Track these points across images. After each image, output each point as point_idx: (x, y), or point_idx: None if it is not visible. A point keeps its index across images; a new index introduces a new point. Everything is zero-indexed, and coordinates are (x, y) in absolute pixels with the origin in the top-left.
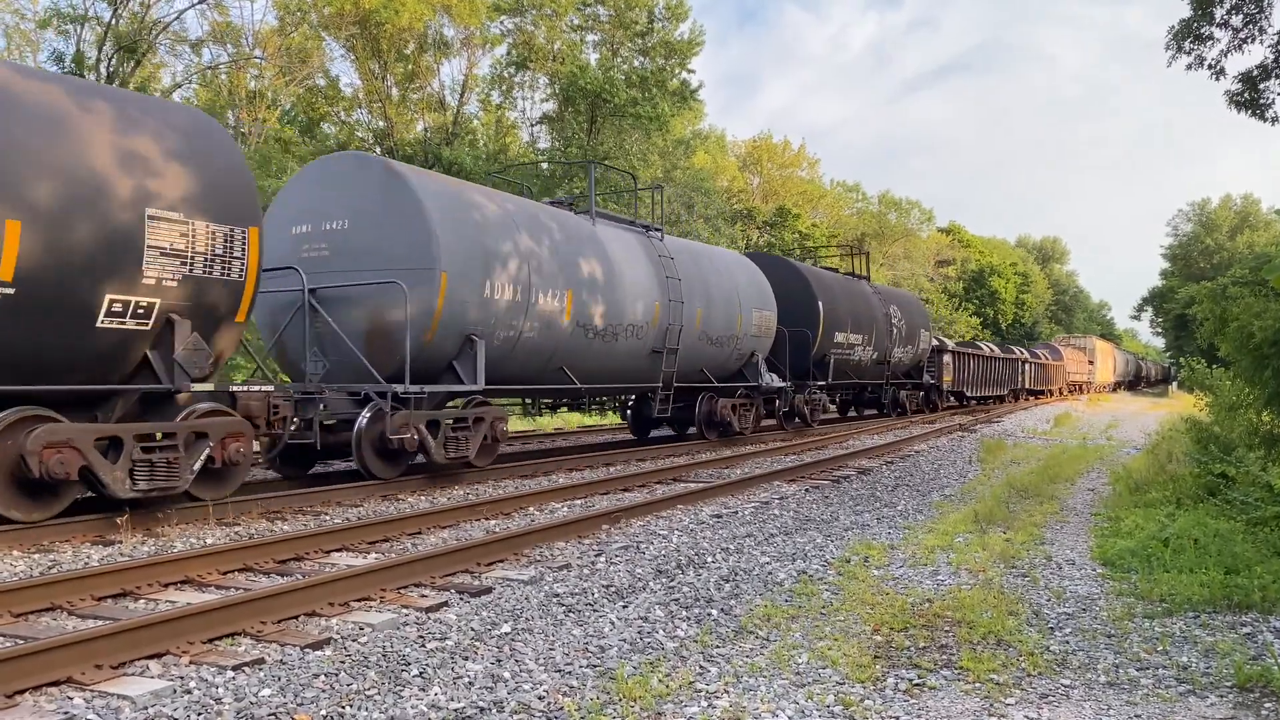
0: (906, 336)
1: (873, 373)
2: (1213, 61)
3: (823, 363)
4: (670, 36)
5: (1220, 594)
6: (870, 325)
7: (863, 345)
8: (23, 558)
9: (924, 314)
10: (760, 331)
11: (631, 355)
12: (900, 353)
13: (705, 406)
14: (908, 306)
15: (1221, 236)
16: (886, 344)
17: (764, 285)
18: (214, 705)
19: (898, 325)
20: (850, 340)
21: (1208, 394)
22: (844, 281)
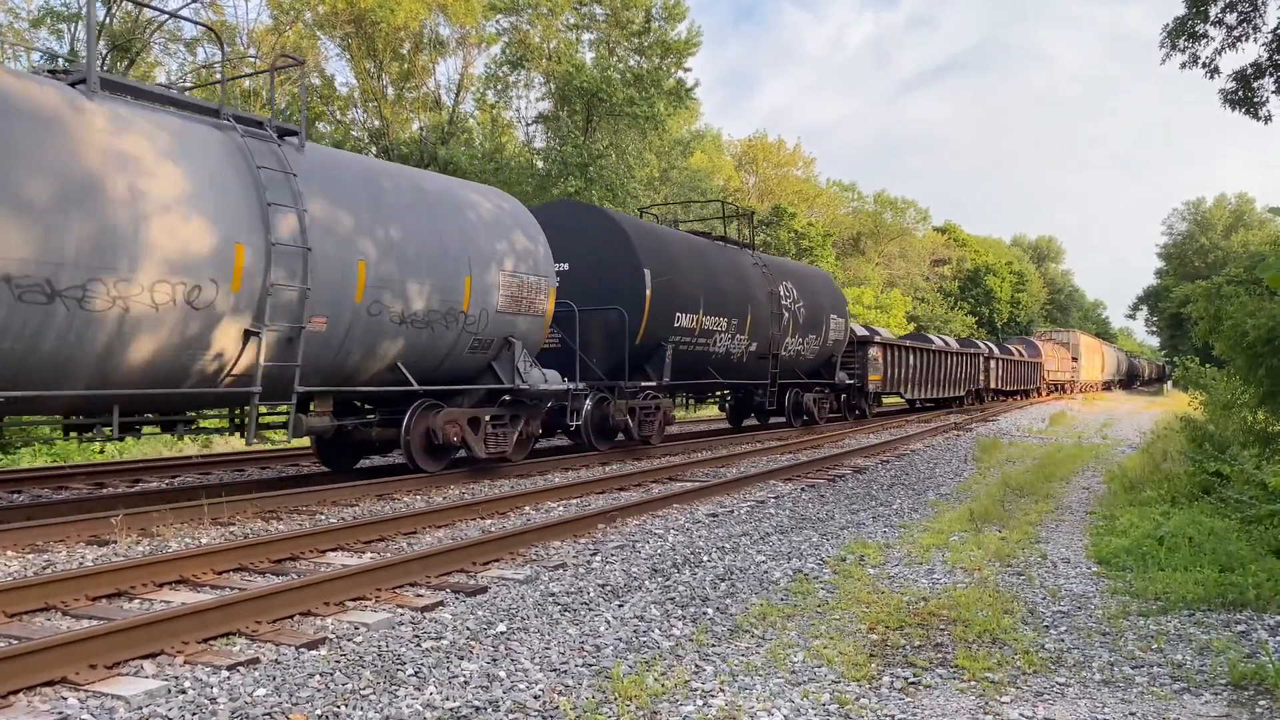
0: (807, 323)
1: (751, 370)
2: (1207, 60)
3: (653, 355)
4: (667, 36)
5: (1215, 592)
6: (743, 307)
7: (728, 332)
8: (17, 557)
9: (836, 296)
10: (501, 306)
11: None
12: (797, 344)
13: (420, 424)
14: (809, 285)
15: (1216, 235)
16: (773, 332)
17: (510, 225)
18: (209, 705)
19: (792, 309)
20: (704, 325)
21: (1202, 392)
22: (696, 246)
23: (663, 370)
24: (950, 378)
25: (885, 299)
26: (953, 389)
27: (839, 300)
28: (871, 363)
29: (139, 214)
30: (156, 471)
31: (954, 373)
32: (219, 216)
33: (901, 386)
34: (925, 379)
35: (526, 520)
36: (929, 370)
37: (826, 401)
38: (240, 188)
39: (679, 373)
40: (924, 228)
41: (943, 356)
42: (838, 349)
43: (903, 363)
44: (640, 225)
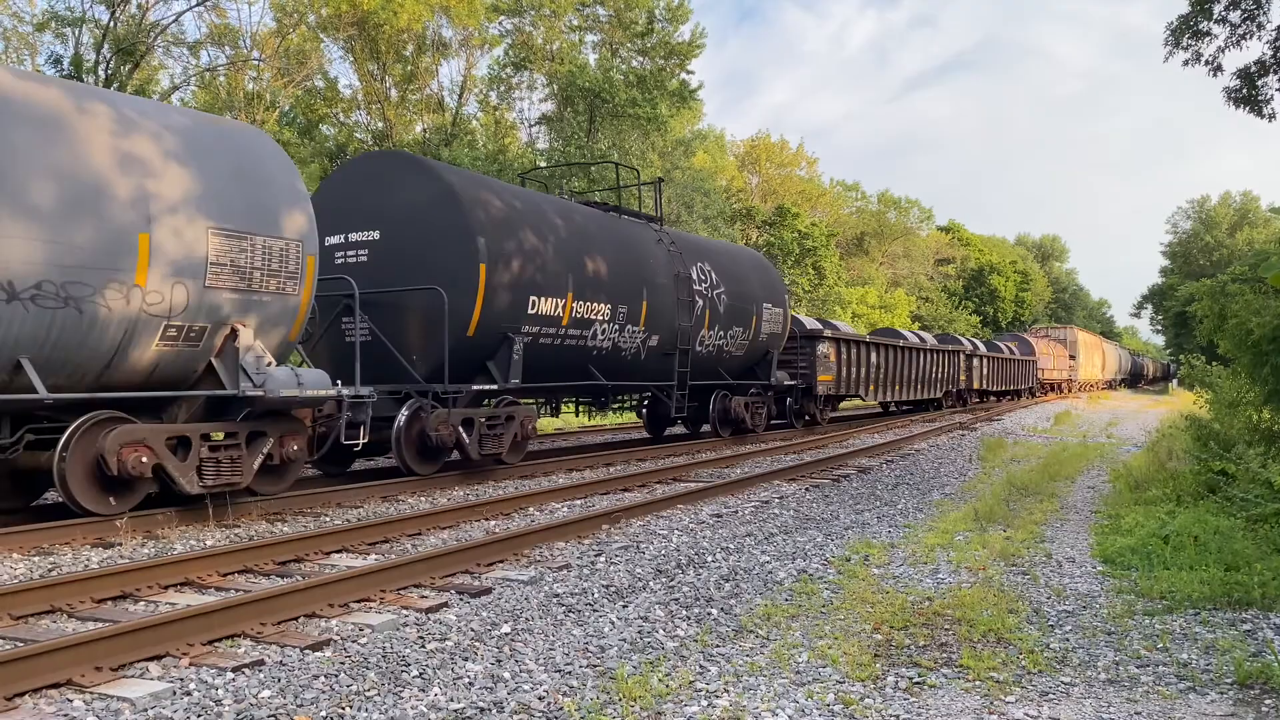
0: (731, 314)
1: (652, 369)
2: (1210, 57)
3: (499, 351)
4: (670, 38)
5: (1220, 591)
6: (636, 291)
7: (614, 322)
8: (23, 560)
9: (771, 281)
10: (212, 280)
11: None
12: (717, 338)
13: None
14: (735, 268)
15: (1221, 234)
16: (681, 323)
17: (226, 156)
18: (214, 707)
19: (709, 295)
20: (578, 313)
21: (1207, 391)
22: (567, 214)
23: (509, 369)
24: (924, 378)
25: (889, 299)
26: (927, 390)
27: (775, 286)
28: (821, 361)
29: None
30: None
31: (929, 372)
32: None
33: (862, 388)
34: (893, 379)
35: (530, 521)
36: (898, 369)
37: (763, 407)
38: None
39: (542, 372)
40: (928, 227)
41: (914, 354)
42: (774, 344)
43: (862, 361)
44: (477, 182)
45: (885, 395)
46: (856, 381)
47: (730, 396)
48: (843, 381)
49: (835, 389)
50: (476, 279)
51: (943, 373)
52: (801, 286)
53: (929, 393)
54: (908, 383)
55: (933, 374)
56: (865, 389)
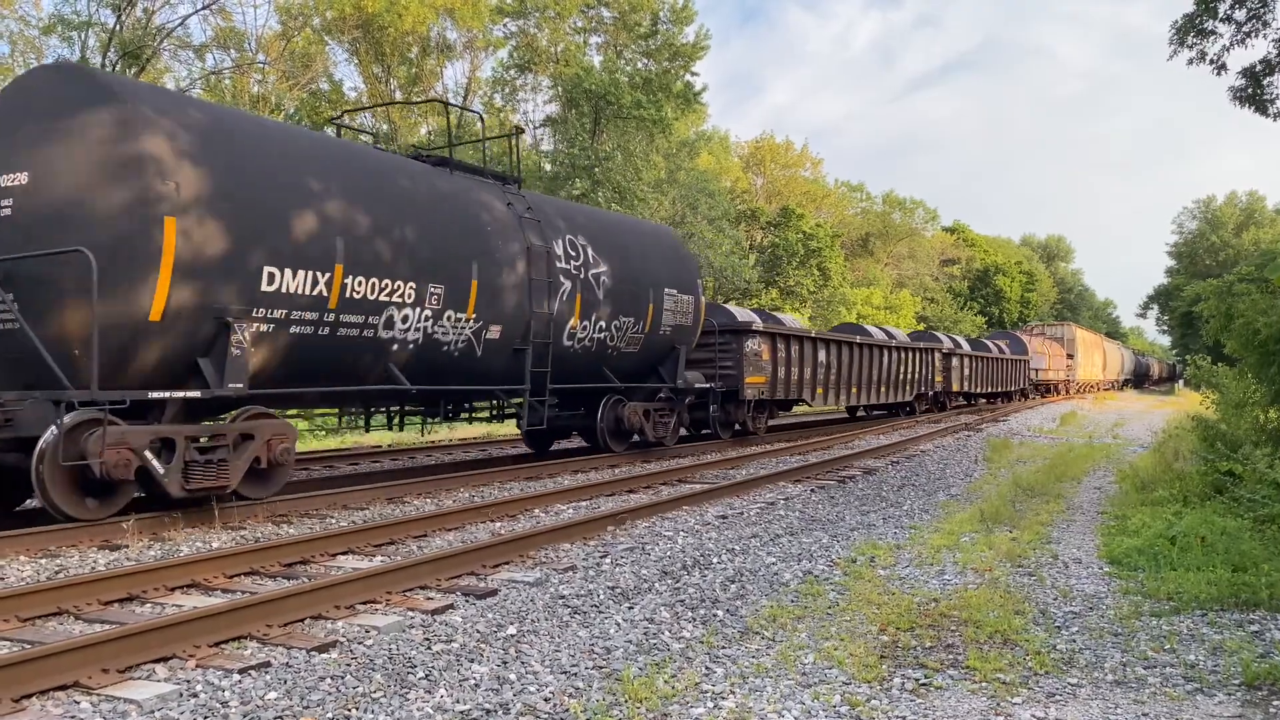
0: (618, 299)
1: (491, 369)
2: (1215, 57)
3: (213, 343)
4: (675, 40)
5: (1228, 592)
6: (457, 265)
7: (421, 306)
8: (30, 562)
9: (678, 261)
10: None
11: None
12: (596, 331)
13: None
14: (625, 244)
15: (1227, 234)
16: (537, 310)
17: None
18: (220, 709)
19: (583, 277)
20: (356, 291)
21: (1214, 391)
22: (328, 153)
23: (226, 370)
24: (890, 379)
25: (894, 300)
26: (894, 393)
27: (683, 269)
28: (750, 359)
29: None
30: None
31: (896, 373)
32: None
33: (807, 391)
34: (849, 381)
35: (536, 523)
36: (856, 370)
37: (670, 415)
38: None
39: (305, 374)
40: (933, 228)
41: (877, 353)
42: (682, 338)
43: (807, 360)
44: (171, 100)
45: (840, 399)
46: (800, 384)
47: (624, 403)
48: (782, 383)
49: (769, 392)
50: (158, 238)
51: (914, 373)
52: (806, 287)
53: (896, 395)
54: (869, 385)
55: (901, 375)
56: (810, 392)
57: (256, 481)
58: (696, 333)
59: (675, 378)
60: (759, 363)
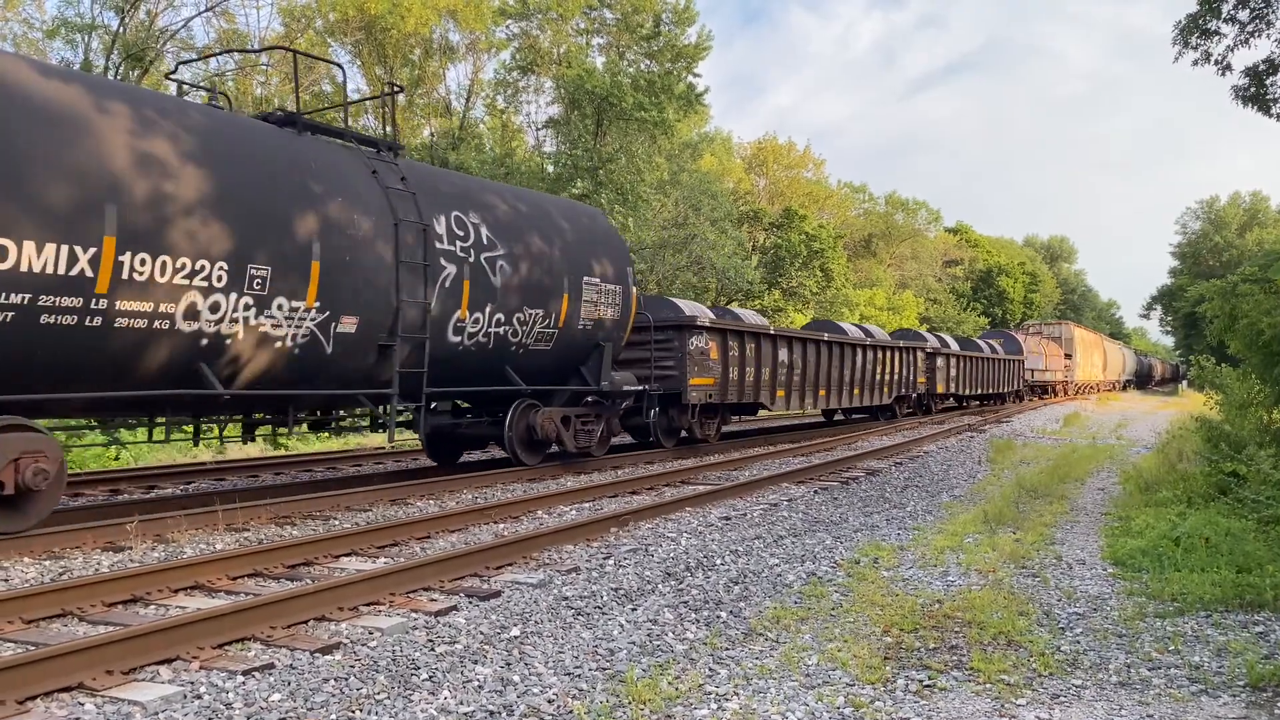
0: (519, 289)
1: (353, 370)
2: (1219, 57)
3: None
4: (677, 41)
5: (1232, 593)
6: (296, 243)
7: (242, 293)
8: (34, 564)
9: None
10: None
11: None
12: (492, 324)
13: None
14: (531, 224)
15: (1230, 234)
16: (406, 299)
17: None
18: (224, 710)
19: (473, 260)
20: (138, 273)
21: (1218, 392)
22: (96, 92)
23: None
24: (865, 380)
25: (897, 301)
26: (871, 395)
27: (609, 254)
28: (694, 358)
29: None
30: (171, 478)
31: (872, 374)
32: None
33: (765, 393)
34: (816, 383)
35: (539, 524)
36: (824, 370)
37: (596, 421)
38: None
39: (64, 374)
40: (936, 229)
41: (848, 352)
42: (608, 335)
43: (765, 359)
44: None
45: (806, 402)
46: (755, 386)
47: (537, 409)
48: (731, 386)
49: (719, 395)
50: None
51: (893, 374)
52: (809, 289)
53: (873, 398)
54: (841, 386)
55: (878, 375)
56: (769, 395)
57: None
58: (626, 328)
59: (599, 379)
60: (705, 362)
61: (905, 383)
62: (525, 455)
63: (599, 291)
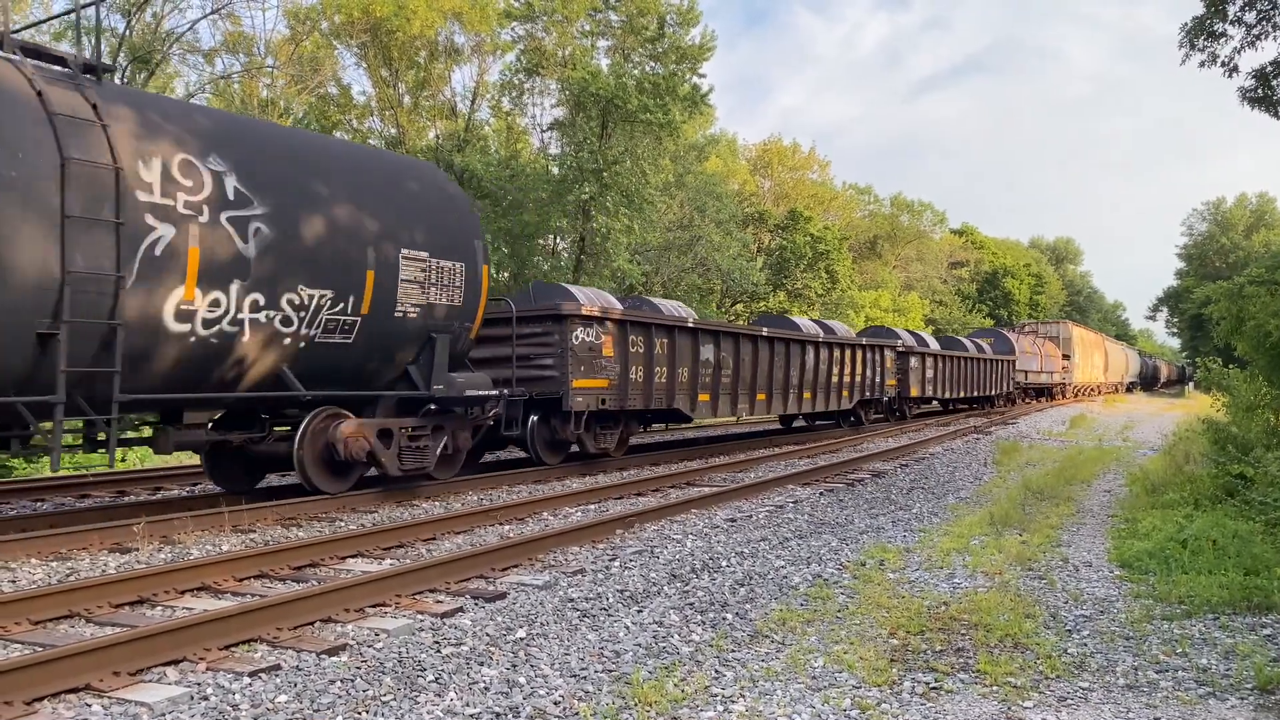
0: (295, 261)
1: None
2: (1226, 59)
3: None
4: (681, 42)
5: (1240, 595)
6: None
7: None
8: (41, 565)
9: (442, 211)
10: None
11: None
12: (243, 306)
13: None
14: (321, 174)
15: (1237, 235)
16: (76, 269)
17: None
18: (231, 712)
19: (217, 220)
20: None
21: (1225, 394)
22: None
23: None
24: (820, 383)
25: (903, 302)
26: (826, 399)
27: (448, 221)
28: (578, 356)
29: None
30: (177, 479)
31: (826, 375)
32: None
33: (682, 397)
34: (751, 385)
35: (544, 526)
36: (764, 371)
37: (434, 436)
38: None
39: None
40: (941, 230)
41: (795, 350)
42: (444, 324)
43: (682, 357)
44: None
45: (739, 409)
46: (669, 388)
47: (341, 421)
48: (633, 388)
49: (615, 400)
50: None
51: (855, 375)
52: (814, 290)
53: (829, 402)
54: (786, 389)
55: (835, 377)
56: (688, 399)
57: None
58: (474, 317)
59: (428, 382)
60: (595, 360)
61: (870, 385)
62: (322, 480)
63: (427, 269)
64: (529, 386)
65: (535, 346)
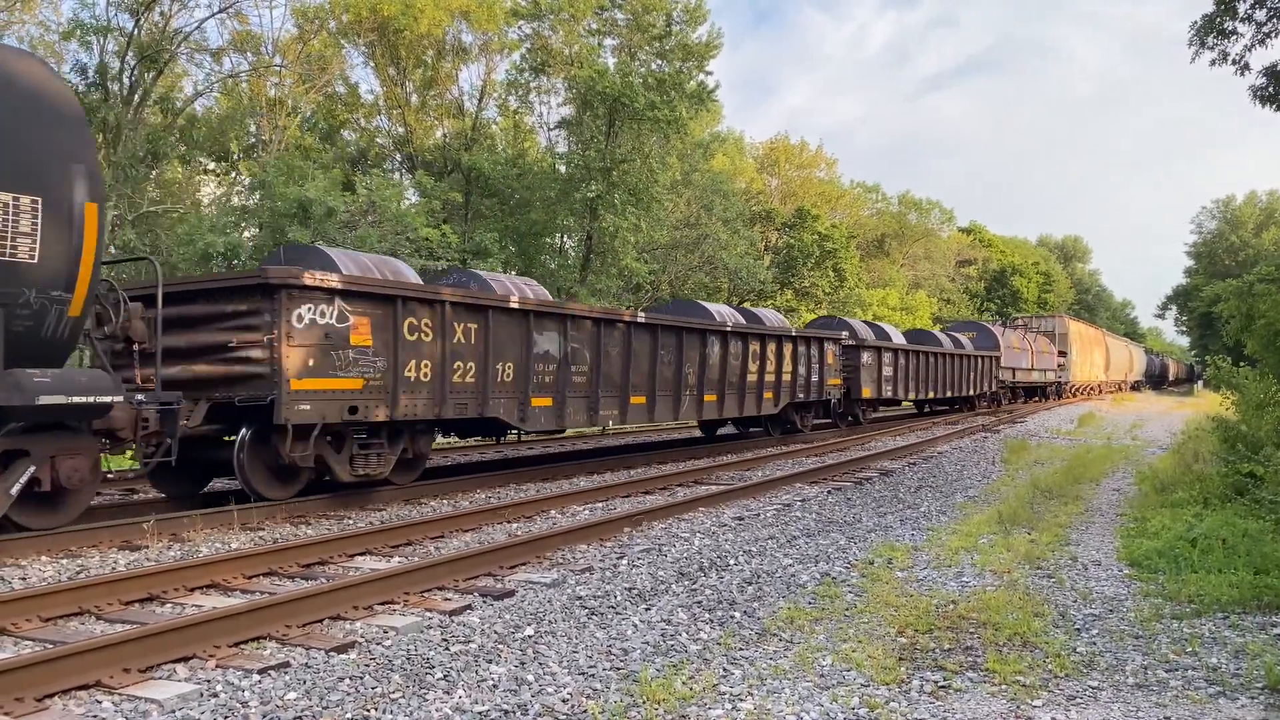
0: None
1: None
2: (1236, 57)
3: None
4: (688, 39)
5: (1250, 594)
6: None
7: None
8: (51, 563)
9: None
10: None
11: None
12: None
13: None
14: None
15: (1247, 233)
16: None
17: None
18: (240, 709)
19: None
20: None
21: (1234, 392)
22: None
23: None
24: (729, 381)
25: (911, 301)
26: (740, 402)
27: (9, 126)
28: (302, 343)
29: None
30: None
31: (739, 372)
32: None
33: (502, 403)
34: (623, 384)
35: (552, 524)
36: (639, 367)
37: (15, 468)
38: None
39: None
40: (949, 229)
41: (692, 340)
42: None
43: (502, 348)
44: None
45: (599, 415)
46: (481, 390)
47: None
48: (409, 390)
49: (376, 407)
50: None
51: (784, 374)
52: (822, 289)
53: (743, 406)
54: (679, 390)
55: (753, 376)
56: (514, 405)
57: None
58: (65, 282)
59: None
60: (336, 351)
61: (806, 385)
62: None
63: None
64: (230, 389)
65: (231, 331)
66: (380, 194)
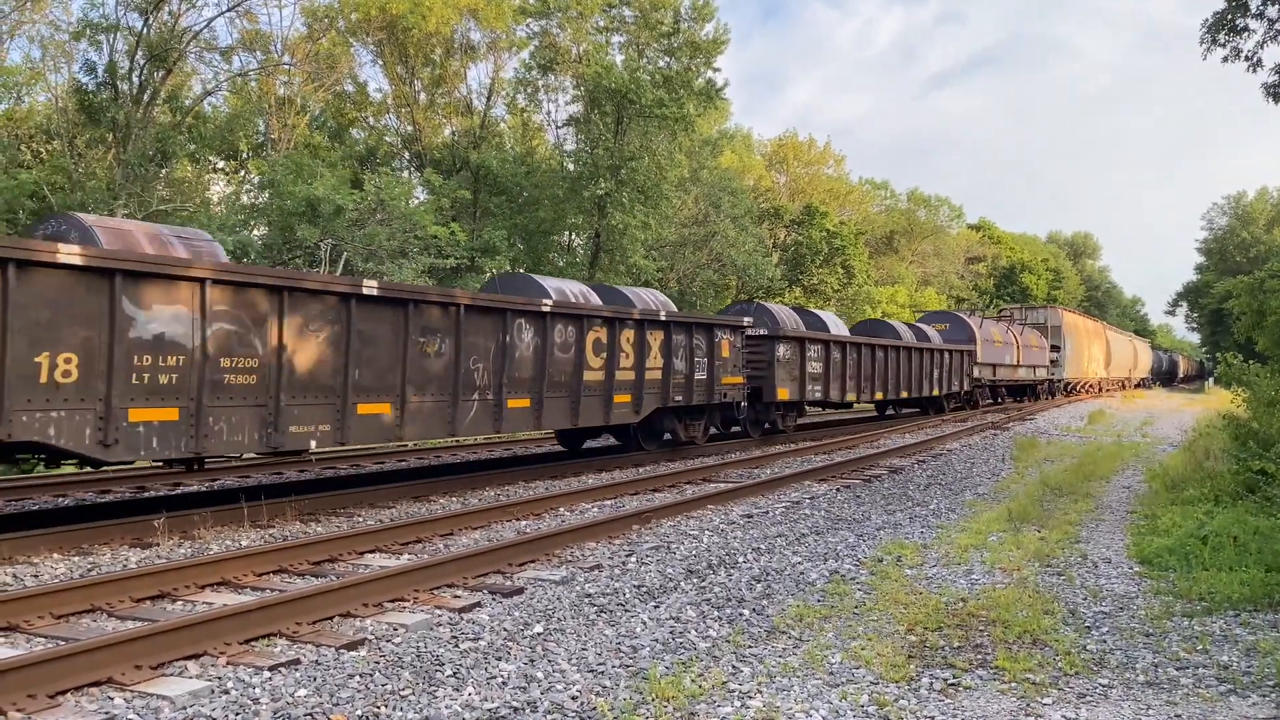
0: None
1: None
2: (1249, 53)
3: None
4: (696, 36)
5: (1261, 592)
6: None
7: None
8: (63, 560)
9: None
10: None
11: None
12: None
13: None
14: None
15: (1258, 230)
16: None
17: None
18: (251, 705)
19: None
20: None
21: (1246, 389)
22: None
23: None
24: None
25: (920, 298)
26: (572, 410)
27: None
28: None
29: None
30: (196, 474)
31: (573, 371)
32: None
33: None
34: (399, 386)
35: (561, 521)
36: (418, 362)
37: None
38: None
39: None
40: (958, 225)
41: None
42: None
43: (244, 332)
44: None
45: (291, 434)
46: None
47: None
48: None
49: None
50: None
51: (644, 371)
52: (830, 286)
53: (575, 415)
54: (457, 392)
55: (585, 375)
56: (215, 433)
57: None
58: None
59: None
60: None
61: (686, 385)
62: None
63: None
64: None
65: None
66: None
